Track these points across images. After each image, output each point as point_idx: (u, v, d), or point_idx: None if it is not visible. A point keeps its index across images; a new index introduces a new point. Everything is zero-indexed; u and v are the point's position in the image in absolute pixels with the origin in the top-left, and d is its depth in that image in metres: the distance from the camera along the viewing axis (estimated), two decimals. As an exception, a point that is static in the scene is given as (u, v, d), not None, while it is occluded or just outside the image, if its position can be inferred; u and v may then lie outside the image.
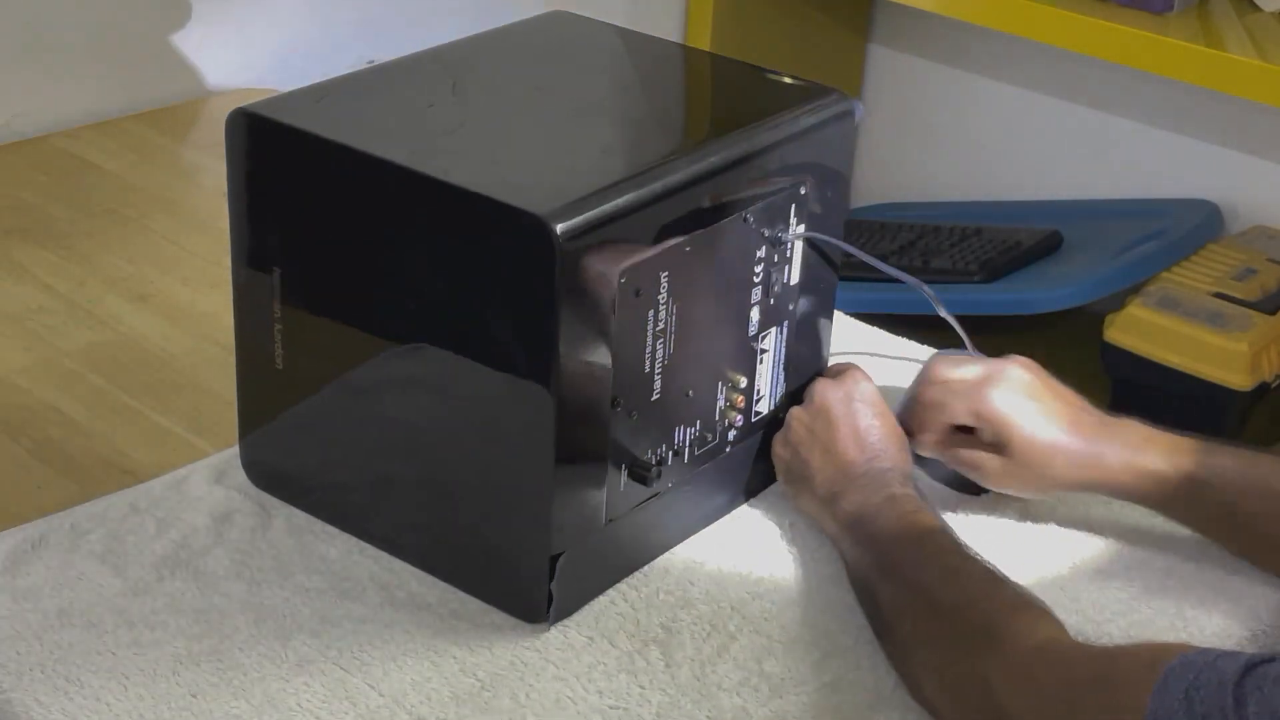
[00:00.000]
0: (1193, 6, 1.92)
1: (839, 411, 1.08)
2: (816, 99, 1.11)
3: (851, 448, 1.07)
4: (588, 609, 1.03)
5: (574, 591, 1.02)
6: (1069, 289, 2.01)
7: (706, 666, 0.99)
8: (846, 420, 1.08)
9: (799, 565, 1.09)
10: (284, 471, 1.11)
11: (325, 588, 1.04)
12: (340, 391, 1.05)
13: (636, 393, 1.00)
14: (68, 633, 0.99)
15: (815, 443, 1.08)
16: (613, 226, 0.95)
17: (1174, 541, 1.12)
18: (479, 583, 1.02)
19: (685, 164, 1.01)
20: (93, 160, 1.62)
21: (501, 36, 1.20)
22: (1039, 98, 2.33)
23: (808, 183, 1.08)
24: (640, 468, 1.02)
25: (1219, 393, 1.86)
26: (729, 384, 1.08)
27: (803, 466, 1.09)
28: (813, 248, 1.11)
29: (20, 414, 1.21)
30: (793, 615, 1.04)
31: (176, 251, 1.46)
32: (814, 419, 1.09)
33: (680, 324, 1.02)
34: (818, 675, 0.99)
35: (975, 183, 2.41)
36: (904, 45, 2.45)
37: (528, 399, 0.95)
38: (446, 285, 0.97)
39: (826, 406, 1.09)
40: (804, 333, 1.14)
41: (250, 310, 1.07)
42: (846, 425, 1.08)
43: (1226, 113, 2.10)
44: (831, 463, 1.07)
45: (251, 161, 1.04)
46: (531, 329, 0.94)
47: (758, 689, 0.98)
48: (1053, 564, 1.10)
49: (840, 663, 1.00)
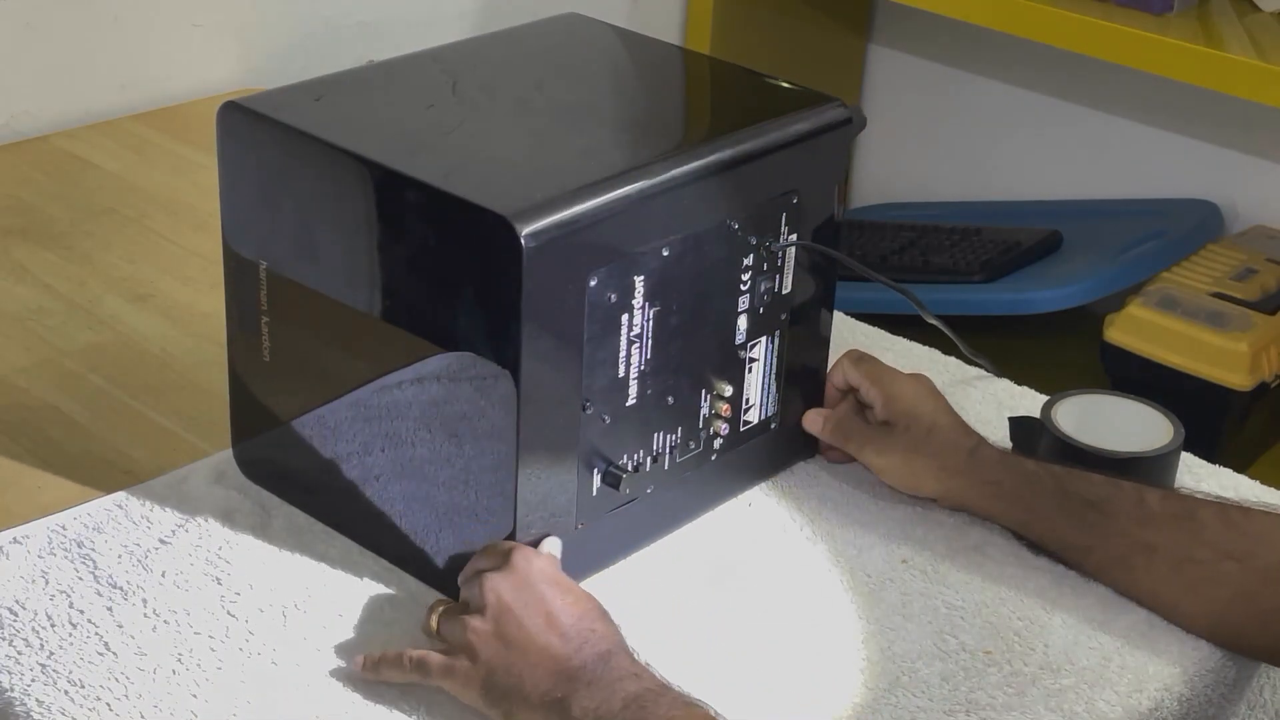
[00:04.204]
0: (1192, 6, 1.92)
1: (522, 605, 0.93)
2: (812, 106, 1.11)
3: (555, 641, 0.92)
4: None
5: None
6: (1069, 289, 2.01)
7: (702, 666, 0.99)
8: (536, 611, 0.93)
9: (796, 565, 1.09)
10: (273, 464, 1.11)
11: (325, 588, 1.04)
12: (322, 385, 1.06)
13: (610, 396, 1.00)
14: (67, 633, 0.99)
15: (511, 650, 0.92)
16: (584, 229, 0.95)
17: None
18: (447, 581, 1.03)
19: (665, 168, 1.00)
20: (93, 160, 1.62)
21: (509, 37, 1.20)
22: (1039, 98, 2.33)
23: (800, 191, 1.08)
24: (613, 472, 1.02)
25: (1219, 393, 1.86)
26: (714, 392, 1.08)
27: (507, 680, 0.92)
28: (808, 256, 1.10)
29: (20, 414, 1.21)
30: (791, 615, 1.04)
31: (176, 251, 1.46)
32: (498, 623, 0.93)
33: (659, 330, 1.01)
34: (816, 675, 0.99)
35: (975, 183, 2.41)
36: (904, 45, 2.45)
37: (494, 395, 0.95)
38: (422, 281, 0.98)
39: (506, 605, 0.93)
40: (800, 342, 1.13)
41: (239, 303, 1.08)
42: (538, 617, 0.93)
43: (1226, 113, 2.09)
44: (541, 665, 0.92)
45: (239, 154, 1.04)
46: (499, 327, 0.94)
47: (755, 689, 0.98)
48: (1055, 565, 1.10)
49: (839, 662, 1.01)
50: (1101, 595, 1.08)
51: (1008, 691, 1.00)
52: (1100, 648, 1.03)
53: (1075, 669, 1.02)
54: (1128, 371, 1.91)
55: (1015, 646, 1.03)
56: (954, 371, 1.33)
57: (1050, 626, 1.05)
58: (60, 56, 1.70)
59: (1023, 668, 1.02)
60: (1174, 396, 1.36)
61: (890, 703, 0.98)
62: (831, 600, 1.06)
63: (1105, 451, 1.13)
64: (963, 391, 1.30)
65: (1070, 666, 1.02)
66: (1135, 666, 1.02)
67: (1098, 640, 1.04)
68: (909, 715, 0.97)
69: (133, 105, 1.75)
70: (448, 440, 0.99)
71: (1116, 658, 1.03)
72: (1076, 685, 1.00)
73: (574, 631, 0.93)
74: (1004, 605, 1.06)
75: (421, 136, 1.03)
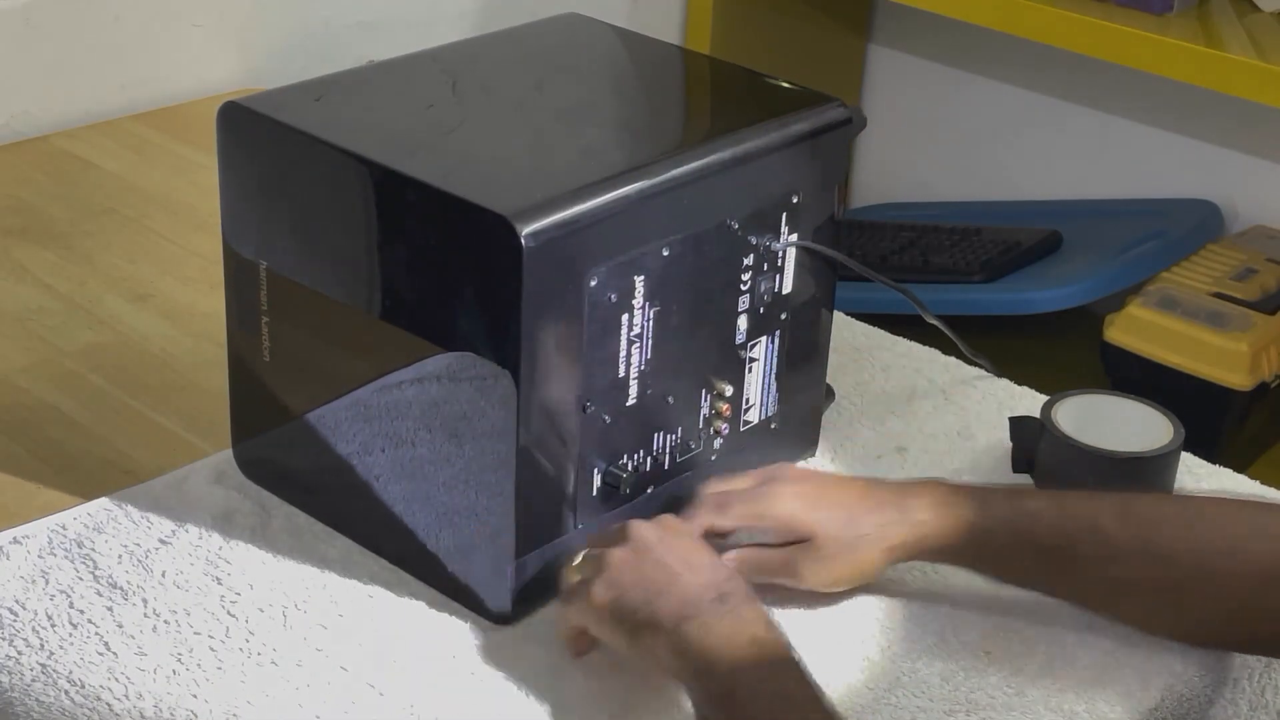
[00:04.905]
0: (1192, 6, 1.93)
1: (663, 545, 0.97)
2: (812, 106, 1.11)
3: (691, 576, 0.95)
4: (587, 609, 1.03)
5: (541, 593, 1.02)
6: (1069, 289, 2.01)
7: (706, 666, 1.00)
8: (675, 551, 0.97)
9: (798, 565, 1.09)
10: (273, 464, 1.11)
11: (325, 588, 1.04)
12: (322, 385, 1.06)
13: (610, 396, 1.00)
14: (67, 633, 0.99)
15: (645, 575, 0.96)
16: (584, 229, 0.95)
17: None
18: (447, 580, 1.03)
19: (665, 168, 1.00)
20: (93, 160, 1.62)
21: (509, 37, 1.20)
22: (1039, 98, 2.33)
23: (800, 191, 1.08)
24: (613, 473, 1.02)
25: (1219, 393, 1.86)
26: (714, 392, 1.08)
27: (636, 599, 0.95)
28: (808, 256, 1.10)
29: (20, 414, 1.21)
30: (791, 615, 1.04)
31: (176, 251, 1.46)
32: (637, 552, 0.97)
33: (658, 329, 1.01)
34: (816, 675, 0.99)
35: (975, 183, 2.41)
36: (904, 45, 2.45)
37: (494, 395, 0.95)
38: (422, 281, 0.98)
39: (647, 542, 0.97)
40: (799, 342, 1.13)
41: (240, 302, 1.08)
42: (677, 555, 0.97)
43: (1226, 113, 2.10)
44: (674, 593, 0.95)
45: (239, 153, 1.04)
46: (499, 327, 0.94)
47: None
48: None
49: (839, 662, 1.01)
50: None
51: (1008, 691, 1.00)
52: (1100, 648, 1.03)
53: (1075, 669, 1.02)
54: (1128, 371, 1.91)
55: (1015, 646, 1.03)
56: (954, 371, 1.33)
57: (1050, 626, 1.05)
58: (60, 56, 1.70)
59: (1023, 668, 1.02)
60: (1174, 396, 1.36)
61: (890, 703, 0.98)
62: (831, 600, 1.06)
63: (1105, 451, 1.13)
64: (963, 391, 1.30)
65: (1070, 666, 1.02)
66: (1135, 666, 1.02)
67: (1098, 640, 1.04)
68: (909, 715, 0.97)
69: (133, 105, 1.75)
70: (448, 440, 0.99)
71: (1116, 658, 1.03)
72: (1076, 685, 1.00)
73: (709, 573, 0.96)
74: (1004, 605, 1.06)
75: (421, 136, 1.03)
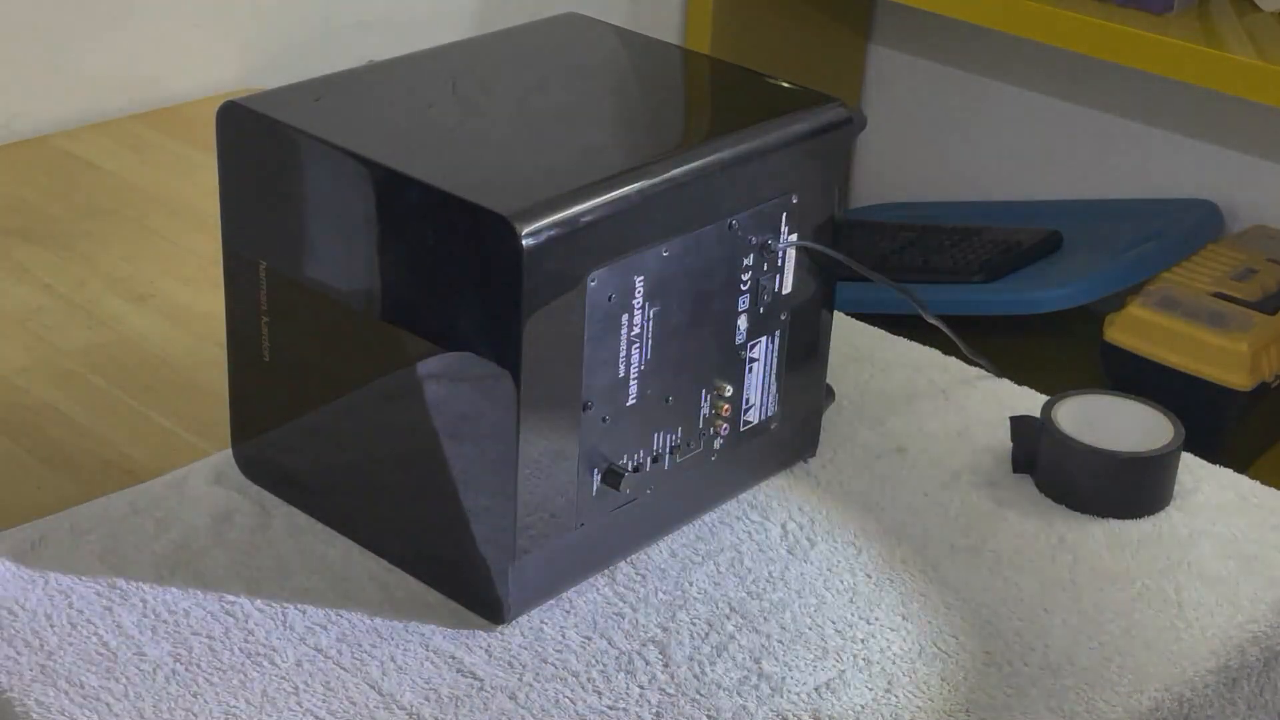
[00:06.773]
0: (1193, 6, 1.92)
1: None
2: (812, 106, 1.11)
3: None
4: (585, 609, 1.03)
5: (540, 592, 1.02)
6: (1069, 289, 2.01)
7: (705, 666, 1.00)
8: None
9: (796, 565, 1.09)
10: (273, 464, 1.11)
11: (325, 588, 1.04)
12: (322, 385, 1.06)
13: (610, 397, 1.00)
14: (67, 633, 0.99)
15: None
16: (584, 229, 0.95)
17: (1169, 541, 1.12)
18: (447, 580, 1.03)
19: (665, 168, 1.00)
20: (93, 160, 1.62)
21: (509, 37, 1.20)
22: (1039, 98, 2.33)
23: (800, 191, 1.08)
24: (614, 472, 1.02)
25: (1219, 393, 1.86)
26: (714, 392, 1.08)
27: None
28: (808, 256, 1.11)
29: (20, 414, 1.21)
30: (791, 614, 1.04)
31: (176, 251, 1.46)
32: None
33: (658, 329, 1.01)
34: (816, 675, 1.00)
35: (975, 183, 2.41)
36: (904, 45, 2.45)
37: (494, 395, 0.95)
38: (421, 281, 0.98)
39: None
40: (799, 342, 1.13)
41: (239, 302, 1.08)
42: None
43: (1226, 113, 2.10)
44: None
45: (239, 153, 1.04)
46: (499, 327, 0.94)
47: (757, 688, 0.98)
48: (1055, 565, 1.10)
49: (838, 662, 1.01)
50: (1101, 595, 1.08)
51: (1008, 691, 1.00)
52: (1100, 648, 1.03)
53: (1075, 669, 1.02)
54: (1128, 371, 1.91)
55: (1015, 646, 1.03)
56: (954, 371, 1.33)
57: (1050, 626, 1.05)
58: (60, 56, 1.70)
59: (1023, 668, 1.02)
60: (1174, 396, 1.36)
61: (890, 703, 0.98)
62: (831, 600, 1.06)
63: (1105, 451, 1.13)
64: (963, 391, 1.30)
65: (1070, 666, 1.02)
66: (1135, 666, 1.02)
67: (1098, 640, 1.04)
68: (909, 715, 0.97)
69: (133, 105, 1.75)
70: (448, 440, 0.99)
71: (1116, 658, 1.03)
72: (1076, 685, 1.00)
73: None
74: (1004, 605, 1.06)
75: (421, 136, 1.03)
